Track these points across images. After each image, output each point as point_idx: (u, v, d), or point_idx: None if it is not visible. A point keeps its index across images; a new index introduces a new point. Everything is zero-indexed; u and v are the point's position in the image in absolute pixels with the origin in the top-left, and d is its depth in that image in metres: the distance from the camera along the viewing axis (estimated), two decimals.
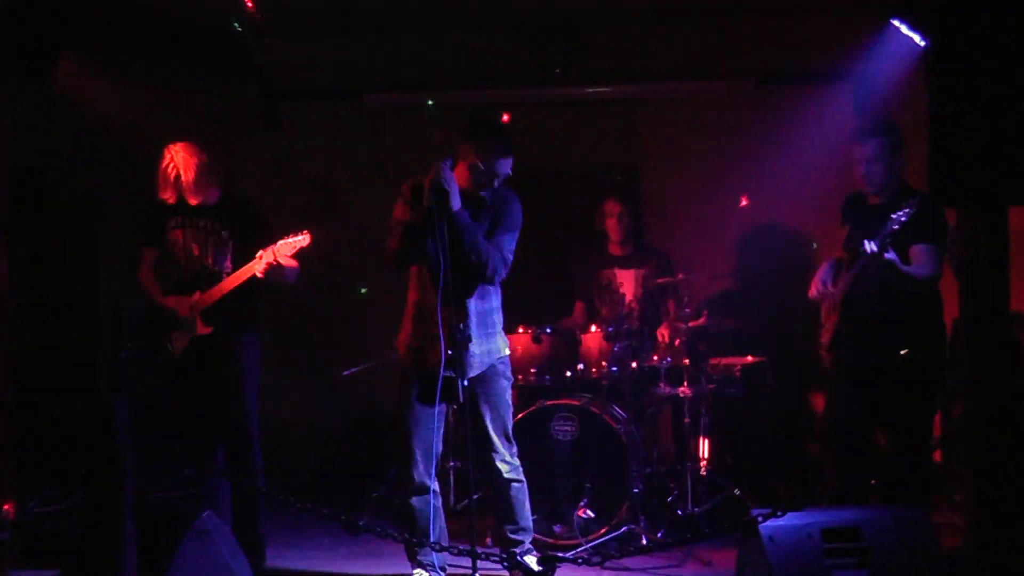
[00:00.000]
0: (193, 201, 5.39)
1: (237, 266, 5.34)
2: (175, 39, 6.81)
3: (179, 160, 5.33)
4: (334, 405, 7.65)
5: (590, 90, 7.52)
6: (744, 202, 7.40)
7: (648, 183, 7.65)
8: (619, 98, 7.61)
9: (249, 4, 6.27)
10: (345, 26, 7.36)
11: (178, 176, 5.33)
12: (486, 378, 4.94)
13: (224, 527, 4.42)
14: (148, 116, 6.66)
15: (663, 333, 6.29)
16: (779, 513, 4.00)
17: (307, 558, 5.80)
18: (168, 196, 5.40)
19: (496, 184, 4.86)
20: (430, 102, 7.38)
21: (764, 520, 4.01)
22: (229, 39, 7.31)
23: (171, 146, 5.38)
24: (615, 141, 7.74)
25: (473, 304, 4.89)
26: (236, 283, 5.31)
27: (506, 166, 4.83)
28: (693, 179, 7.54)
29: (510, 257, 4.90)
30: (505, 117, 7.43)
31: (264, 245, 5.25)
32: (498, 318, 5.02)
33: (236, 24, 7.01)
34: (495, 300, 5.02)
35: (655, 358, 6.16)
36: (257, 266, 5.23)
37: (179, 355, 5.44)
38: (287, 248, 5.20)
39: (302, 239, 5.22)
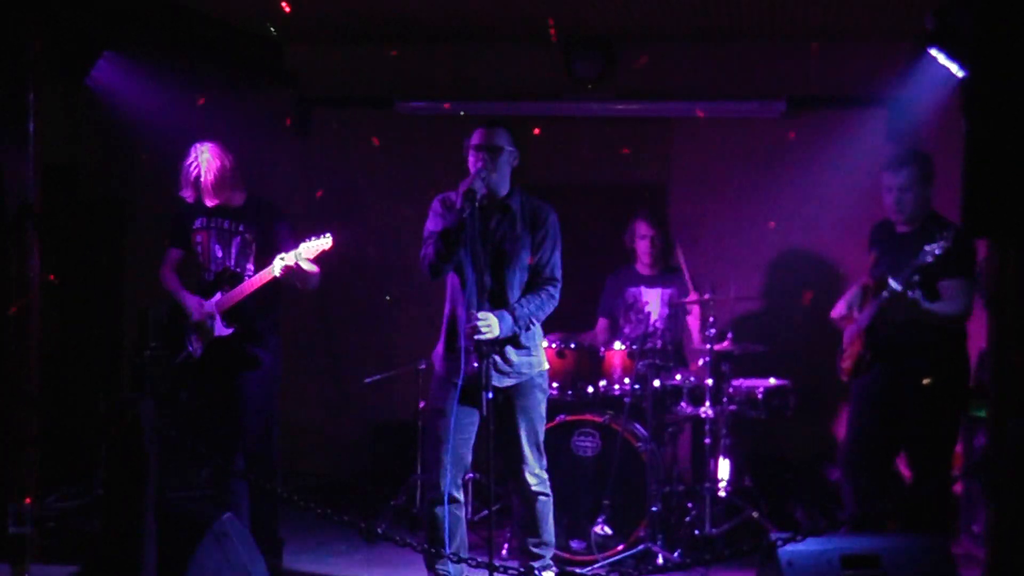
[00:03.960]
0: (211, 203, 5.38)
1: (259, 269, 5.35)
2: (211, 43, 6.87)
3: (202, 160, 5.32)
4: (356, 412, 7.67)
5: (620, 106, 7.53)
6: (772, 224, 7.39)
7: (676, 201, 7.64)
8: (649, 116, 7.60)
9: (286, 8, 6.31)
10: (378, 34, 7.40)
11: (198, 176, 5.32)
12: (523, 389, 4.90)
13: (243, 529, 4.43)
14: (181, 119, 6.71)
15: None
16: (798, 538, 3.98)
17: (324, 563, 5.83)
18: (187, 194, 5.41)
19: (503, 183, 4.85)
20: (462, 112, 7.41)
21: (783, 544, 3.99)
22: (263, 44, 7.38)
23: (198, 144, 5.38)
24: (644, 158, 7.73)
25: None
26: (257, 285, 5.32)
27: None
28: (721, 199, 7.52)
29: (560, 273, 4.93)
30: (535, 131, 7.46)
31: (287, 249, 5.26)
32: (538, 330, 4.98)
33: (272, 29, 7.09)
34: None
35: (677, 377, 6.16)
36: (276, 266, 5.23)
37: (200, 356, 5.47)
38: (309, 251, 5.20)
39: (325, 241, 5.21)
